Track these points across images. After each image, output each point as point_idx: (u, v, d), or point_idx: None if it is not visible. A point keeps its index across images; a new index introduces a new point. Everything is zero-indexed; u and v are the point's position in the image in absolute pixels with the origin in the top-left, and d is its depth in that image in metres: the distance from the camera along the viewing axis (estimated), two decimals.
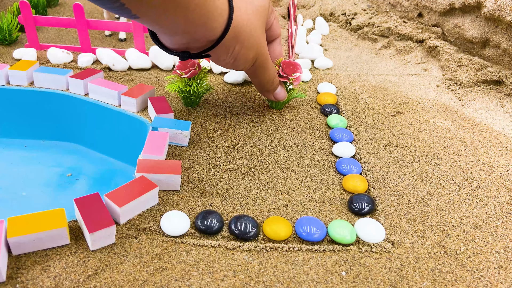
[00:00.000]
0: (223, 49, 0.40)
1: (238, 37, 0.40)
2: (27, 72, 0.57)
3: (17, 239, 0.32)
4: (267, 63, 0.46)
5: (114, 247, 0.35)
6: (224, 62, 0.42)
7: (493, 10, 0.63)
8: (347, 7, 0.88)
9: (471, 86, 0.65)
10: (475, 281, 0.34)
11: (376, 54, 0.78)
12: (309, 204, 0.41)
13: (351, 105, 0.60)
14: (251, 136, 0.51)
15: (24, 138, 0.60)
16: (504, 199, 0.44)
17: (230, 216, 0.39)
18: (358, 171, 0.46)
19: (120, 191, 0.37)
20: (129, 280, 0.32)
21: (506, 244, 0.38)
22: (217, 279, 0.33)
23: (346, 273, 0.34)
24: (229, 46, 0.40)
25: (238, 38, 0.40)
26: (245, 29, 0.40)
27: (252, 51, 0.43)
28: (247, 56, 0.42)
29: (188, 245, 0.36)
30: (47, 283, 0.31)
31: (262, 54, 0.44)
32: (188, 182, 0.43)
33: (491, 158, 0.50)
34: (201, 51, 0.40)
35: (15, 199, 0.51)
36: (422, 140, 0.53)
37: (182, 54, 0.40)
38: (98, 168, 0.57)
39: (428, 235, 0.39)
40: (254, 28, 0.42)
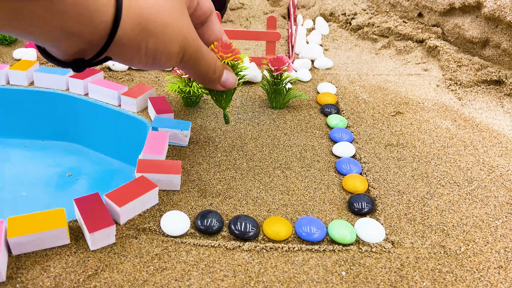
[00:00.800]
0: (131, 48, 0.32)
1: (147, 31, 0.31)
2: (27, 72, 0.57)
3: (17, 239, 0.32)
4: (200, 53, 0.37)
5: (114, 247, 0.35)
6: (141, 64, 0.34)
7: (493, 10, 0.63)
8: (347, 7, 0.88)
9: (471, 86, 0.65)
10: (475, 281, 0.34)
11: (376, 54, 0.78)
12: (309, 204, 0.41)
13: (351, 105, 0.60)
14: (251, 136, 0.51)
15: (24, 138, 0.60)
16: (504, 199, 0.44)
17: (230, 216, 0.39)
18: (358, 171, 0.46)
19: (120, 191, 0.37)
20: (129, 280, 0.32)
21: (506, 244, 0.38)
22: (217, 279, 0.33)
23: (346, 273, 0.34)
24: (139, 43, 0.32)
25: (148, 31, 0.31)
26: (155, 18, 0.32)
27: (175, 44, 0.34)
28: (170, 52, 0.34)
29: (188, 245, 0.36)
30: (47, 283, 0.31)
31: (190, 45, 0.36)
32: (188, 182, 0.43)
33: (491, 158, 0.50)
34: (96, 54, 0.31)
35: (15, 199, 0.51)
36: (422, 140, 0.53)
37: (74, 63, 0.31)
38: (98, 168, 0.57)
39: (428, 235, 0.39)
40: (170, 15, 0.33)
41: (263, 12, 0.94)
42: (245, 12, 0.93)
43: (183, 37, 0.34)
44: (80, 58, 0.31)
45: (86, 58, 0.31)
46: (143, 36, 0.31)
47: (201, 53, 0.37)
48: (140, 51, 0.32)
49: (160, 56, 0.34)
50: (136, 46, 0.32)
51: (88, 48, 0.30)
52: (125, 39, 0.30)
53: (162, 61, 0.34)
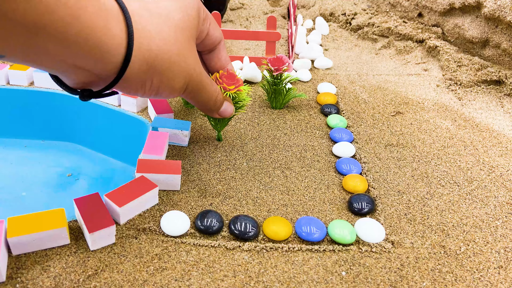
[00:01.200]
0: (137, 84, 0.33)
1: (154, 69, 0.32)
2: (27, 72, 0.57)
3: (17, 239, 0.32)
4: (203, 85, 0.38)
5: (114, 247, 0.35)
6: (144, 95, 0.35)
7: (493, 10, 0.63)
8: (347, 7, 0.88)
9: (471, 86, 0.65)
10: (475, 281, 0.34)
11: (376, 54, 0.78)
12: (309, 204, 0.41)
13: (351, 105, 0.60)
14: (251, 136, 0.51)
15: (24, 138, 0.60)
16: (504, 199, 0.44)
17: (230, 216, 0.39)
18: (358, 171, 0.46)
19: (120, 191, 0.37)
20: (129, 280, 0.32)
21: (506, 244, 0.38)
22: (217, 279, 0.33)
23: (346, 273, 0.34)
24: (144, 80, 0.33)
25: (154, 69, 0.32)
26: (162, 57, 0.32)
27: (179, 80, 0.35)
28: (173, 87, 0.35)
29: (188, 245, 0.36)
30: (47, 283, 0.31)
31: (194, 79, 0.37)
32: (188, 182, 0.43)
33: (491, 158, 0.50)
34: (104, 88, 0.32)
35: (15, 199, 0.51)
36: (422, 140, 0.53)
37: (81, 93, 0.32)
38: (98, 168, 0.57)
39: (428, 235, 0.39)
40: (177, 52, 0.33)
41: (263, 12, 0.94)
42: (245, 12, 0.93)
43: (188, 73, 0.36)
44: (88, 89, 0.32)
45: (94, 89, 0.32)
46: (149, 74, 0.32)
47: (203, 86, 0.38)
48: (145, 86, 0.33)
49: (164, 90, 0.35)
50: (141, 82, 0.33)
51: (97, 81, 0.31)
52: (132, 76, 0.31)
53: (164, 94, 0.36)
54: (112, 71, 0.30)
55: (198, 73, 0.37)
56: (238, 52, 0.75)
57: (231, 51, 0.75)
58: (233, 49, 0.76)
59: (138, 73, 0.31)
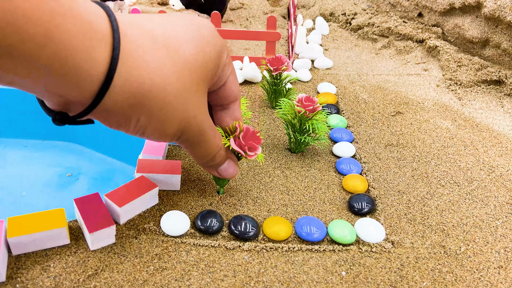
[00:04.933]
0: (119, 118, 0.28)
1: (142, 106, 0.27)
2: None
3: (17, 239, 0.32)
4: (203, 136, 0.33)
5: (114, 247, 0.35)
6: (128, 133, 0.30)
7: (493, 10, 0.63)
8: (347, 7, 0.88)
9: (471, 86, 0.65)
10: (475, 281, 0.34)
11: (376, 54, 0.78)
12: (309, 204, 0.41)
13: (351, 105, 0.60)
14: None
15: (24, 138, 0.60)
16: (504, 199, 0.44)
17: (230, 216, 0.39)
18: (358, 171, 0.46)
19: (120, 191, 0.37)
20: (129, 280, 0.32)
21: (506, 244, 0.38)
22: (217, 279, 0.33)
23: (346, 273, 0.34)
24: (129, 116, 0.28)
25: (143, 107, 0.27)
26: (155, 95, 0.27)
27: (171, 126, 0.30)
28: (163, 131, 0.30)
29: (188, 245, 0.36)
30: (47, 283, 0.31)
31: (192, 128, 0.31)
32: (188, 182, 0.43)
33: (491, 158, 0.50)
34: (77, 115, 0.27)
35: (15, 199, 0.51)
36: (422, 140, 0.53)
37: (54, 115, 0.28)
38: (98, 168, 0.57)
39: (428, 235, 0.39)
40: (175, 93, 0.28)
41: (263, 12, 0.94)
42: (245, 12, 0.93)
43: (185, 119, 0.30)
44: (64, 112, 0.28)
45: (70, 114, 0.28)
46: (136, 110, 0.28)
47: (203, 138, 0.33)
48: (129, 123, 0.29)
49: (152, 132, 0.30)
50: (125, 117, 0.28)
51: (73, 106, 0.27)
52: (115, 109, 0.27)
53: (153, 137, 0.31)
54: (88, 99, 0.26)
55: (199, 122, 0.31)
56: (238, 52, 0.75)
57: (231, 51, 0.75)
58: (233, 49, 0.76)
59: (122, 107, 0.27)
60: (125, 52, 0.26)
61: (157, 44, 0.28)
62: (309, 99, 0.44)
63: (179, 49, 0.29)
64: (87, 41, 0.24)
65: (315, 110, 0.44)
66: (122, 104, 0.27)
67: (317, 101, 0.44)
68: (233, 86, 0.35)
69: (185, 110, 0.30)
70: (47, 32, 0.21)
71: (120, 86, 0.26)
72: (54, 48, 0.22)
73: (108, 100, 0.26)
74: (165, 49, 0.28)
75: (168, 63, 0.28)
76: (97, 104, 0.26)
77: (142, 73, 0.26)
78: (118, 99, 0.26)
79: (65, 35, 0.22)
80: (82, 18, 0.23)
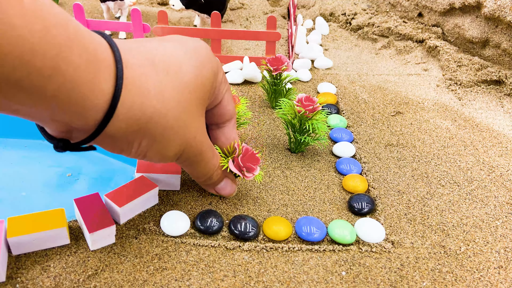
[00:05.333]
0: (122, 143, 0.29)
1: (144, 131, 0.28)
2: None
3: (17, 239, 0.32)
4: (202, 156, 0.34)
5: (114, 247, 0.35)
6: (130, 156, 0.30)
7: (493, 10, 0.63)
8: (347, 7, 0.88)
9: (471, 86, 0.65)
10: (475, 281, 0.34)
11: (376, 54, 0.78)
12: (309, 204, 0.41)
13: (351, 105, 0.60)
14: (251, 136, 0.51)
15: (24, 138, 0.60)
16: (504, 199, 0.44)
17: (230, 216, 0.39)
18: (358, 171, 0.46)
19: (120, 191, 0.37)
20: (129, 280, 0.32)
21: (506, 244, 0.38)
22: (217, 279, 0.33)
23: (346, 273, 0.34)
24: (132, 141, 0.28)
25: (145, 132, 0.28)
26: (157, 120, 0.28)
27: (173, 148, 0.31)
28: (164, 154, 0.31)
29: (188, 245, 0.36)
30: (47, 283, 0.31)
31: (191, 148, 0.32)
32: (188, 182, 0.43)
33: (491, 158, 0.50)
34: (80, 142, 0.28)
35: (15, 199, 0.51)
36: (422, 140, 0.53)
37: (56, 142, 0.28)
38: (98, 168, 0.57)
39: (428, 235, 0.39)
40: (176, 117, 0.29)
41: (263, 12, 0.94)
42: (245, 12, 0.93)
43: (185, 140, 0.31)
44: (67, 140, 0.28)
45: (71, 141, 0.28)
46: (137, 136, 0.28)
47: (202, 158, 0.34)
48: (131, 147, 0.29)
49: (153, 156, 0.31)
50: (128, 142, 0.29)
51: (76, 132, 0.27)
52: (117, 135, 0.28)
53: (154, 160, 0.31)
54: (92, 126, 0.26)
55: (198, 142, 0.32)
56: (238, 52, 0.75)
57: (231, 51, 0.75)
58: (233, 49, 0.76)
59: (125, 133, 0.27)
60: (128, 80, 0.26)
61: (158, 70, 0.28)
62: (309, 99, 0.44)
63: (178, 73, 0.29)
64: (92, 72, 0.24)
65: (315, 110, 0.44)
66: (125, 130, 0.27)
67: (317, 101, 0.44)
68: (228, 105, 0.36)
69: (185, 133, 0.30)
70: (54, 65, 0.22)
71: (123, 114, 0.26)
72: (61, 80, 0.22)
73: (111, 127, 0.27)
74: (166, 75, 0.28)
75: (168, 87, 0.28)
76: (100, 131, 0.26)
77: (144, 101, 0.27)
78: (122, 126, 0.27)
79: (71, 67, 0.23)
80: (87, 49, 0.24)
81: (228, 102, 0.36)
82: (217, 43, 0.67)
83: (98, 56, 0.24)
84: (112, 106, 0.26)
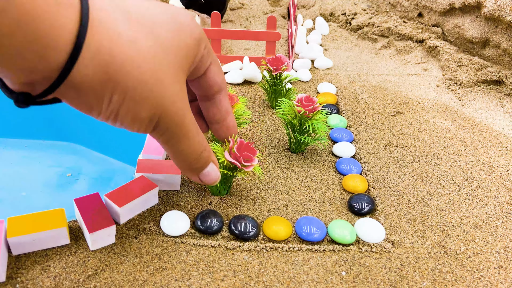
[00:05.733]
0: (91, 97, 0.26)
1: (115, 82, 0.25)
2: None
3: (17, 239, 0.32)
4: (184, 128, 0.30)
5: (114, 247, 0.35)
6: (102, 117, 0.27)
7: (493, 10, 0.63)
8: (347, 7, 0.88)
9: (471, 86, 0.65)
10: (475, 281, 0.34)
11: (376, 54, 0.78)
12: (309, 204, 0.41)
13: (351, 105, 0.60)
14: (251, 136, 0.51)
15: (24, 138, 0.60)
16: (504, 199, 0.44)
17: (230, 216, 0.39)
18: (358, 171, 0.46)
19: (120, 191, 0.37)
20: (129, 280, 0.32)
21: (506, 244, 0.38)
22: (217, 279, 0.33)
23: (346, 273, 0.34)
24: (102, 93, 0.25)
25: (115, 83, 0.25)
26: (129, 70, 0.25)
27: (146, 108, 0.27)
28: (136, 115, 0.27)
29: (188, 245, 0.36)
30: (47, 283, 0.31)
31: (169, 115, 0.28)
32: (188, 182, 0.43)
33: (491, 158, 0.50)
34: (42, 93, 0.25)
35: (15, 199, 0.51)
36: (422, 140, 0.53)
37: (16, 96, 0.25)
38: (98, 168, 0.57)
39: (428, 235, 0.39)
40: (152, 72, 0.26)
41: (263, 12, 0.94)
42: (245, 12, 0.93)
43: (161, 103, 0.27)
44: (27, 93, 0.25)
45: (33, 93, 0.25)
46: (108, 87, 0.25)
47: (184, 131, 0.30)
48: (101, 102, 0.26)
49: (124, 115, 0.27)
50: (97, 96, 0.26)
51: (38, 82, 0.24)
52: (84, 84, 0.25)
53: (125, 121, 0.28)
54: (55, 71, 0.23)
55: (179, 110, 0.29)
56: (238, 52, 0.75)
57: (231, 51, 0.75)
58: (233, 49, 0.76)
59: (92, 82, 0.24)
60: (95, 21, 0.24)
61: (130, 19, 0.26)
62: (309, 99, 0.44)
63: (153, 28, 0.27)
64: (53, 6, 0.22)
65: (315, 110, 0.44)
66: (92, 79, 0.24)
67: (317, 101, 0.44)
68: (216, 76, 0.33)
69: (162, 93, 0.27)
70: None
71: (89, 59, 0.24)
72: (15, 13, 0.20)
73: (76, 74, 0.24)
74: (139, 26, 0.26)
75: (142, 38, 0.26)
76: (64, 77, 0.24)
77: (114, 46, 0.24)
78: (88, 73, 0.24)
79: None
80: None
81: (215, 74, 0.33)
82: (217, 43, 0.67)
83: None
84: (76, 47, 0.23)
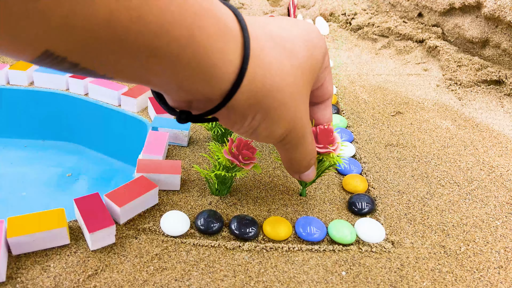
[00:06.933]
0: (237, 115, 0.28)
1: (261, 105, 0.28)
2: (27, 72, 0.57)
3: (17, 239, 0.32)
4: (304, 139, 0.33)
5: (114, 247, 0.35)
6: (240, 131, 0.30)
7: (493, 10, 0.63)
8: (347, 7, 0.88)
9: (471, 86, 0.65)
10: (475, 281, 0.34)
11: (376, 54, 0.78)
12: (309, 204, 0.41)
13: (351, 105, 0.60)
14: None
15: (24, 138, 0.60)
16: (504, 199, 0.44)
17: (230, 216, 0.39)
18: (358, 171, 0.46)
19: (120, 191, 0.37)
20: (129, 280, 0.32)
21: (506, 244, 0.38)
22: (217, 279, 0.33)
23: (346, 273, 0.34)
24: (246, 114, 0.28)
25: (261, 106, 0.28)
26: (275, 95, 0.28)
27: (281, 126, 0.30)
28: (273, 131, 0.30)
29: (188, 245, 0.36)
30: (47, 283, 0.31)
31: (297, 130, 0.31)
32: (188, 182, 0.43)
33: (491, 158, 0.50)
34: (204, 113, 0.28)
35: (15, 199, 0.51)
36: (422, 140, 0.53)
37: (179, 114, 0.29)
38: (98, 168, 0.57)
39: (428, 235, 0.39)
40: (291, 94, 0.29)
41: (263, 12, 0.94)
42: (245, 12, 0.93)
43: (293, 121, 0.30)
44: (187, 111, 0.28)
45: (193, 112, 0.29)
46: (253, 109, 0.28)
47: (304, 141, 0.33)
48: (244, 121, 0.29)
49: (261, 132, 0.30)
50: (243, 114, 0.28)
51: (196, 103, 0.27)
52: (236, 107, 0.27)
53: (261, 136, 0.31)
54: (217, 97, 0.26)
55: (304, 124, 0.31)
56: None
57: None
58: None
59: (243, 105, 0.27)
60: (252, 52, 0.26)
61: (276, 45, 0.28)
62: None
63: (293, 51, 0.29)
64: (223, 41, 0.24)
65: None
66: (244, 103, 0.27)
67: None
68: (330, 86, 0.36)
69: (295, 112, 0.30)
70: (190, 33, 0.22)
71: (245, 86, 0.26)
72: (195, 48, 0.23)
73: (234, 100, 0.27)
74: (283, 51, 0.28)
75: (286, 63, 0.28)
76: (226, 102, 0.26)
77: (266, 74, 0.27)
78: (242, 98, 0.27)
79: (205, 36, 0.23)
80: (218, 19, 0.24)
81: (328, 83, 0.36)
82: None
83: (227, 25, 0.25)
84: (239, 77, 0.26)
